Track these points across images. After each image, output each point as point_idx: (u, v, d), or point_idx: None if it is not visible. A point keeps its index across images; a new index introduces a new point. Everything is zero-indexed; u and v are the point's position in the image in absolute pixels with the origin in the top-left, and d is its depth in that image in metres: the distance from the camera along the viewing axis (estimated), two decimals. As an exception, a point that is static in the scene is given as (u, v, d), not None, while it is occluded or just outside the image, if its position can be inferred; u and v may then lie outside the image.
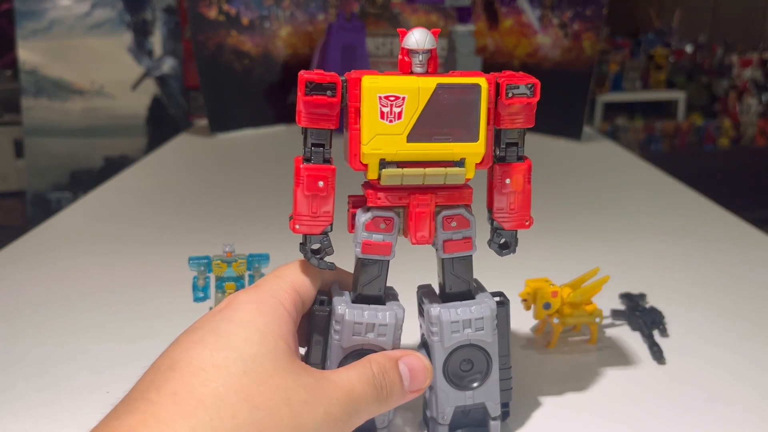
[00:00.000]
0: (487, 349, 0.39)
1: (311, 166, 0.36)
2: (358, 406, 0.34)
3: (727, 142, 3.08)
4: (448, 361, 0.38)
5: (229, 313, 0.35)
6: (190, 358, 0.32)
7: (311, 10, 1.37)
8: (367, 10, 1.38)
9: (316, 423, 0.32)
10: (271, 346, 0.33)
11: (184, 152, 1.25)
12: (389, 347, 0.38)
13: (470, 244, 0.38)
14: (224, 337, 0.33)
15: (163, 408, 0.30)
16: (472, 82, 0.36)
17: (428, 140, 0.36)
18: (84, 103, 2.05)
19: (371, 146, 0.35)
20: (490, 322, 0.38)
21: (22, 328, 0.56)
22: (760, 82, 3.13)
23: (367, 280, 0.38)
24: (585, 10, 1.25)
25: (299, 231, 0.37)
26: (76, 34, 2.01)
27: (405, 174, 0.36)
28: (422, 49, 0.36)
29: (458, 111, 0.36)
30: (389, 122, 0.35)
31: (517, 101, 0.37)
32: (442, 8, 1.37)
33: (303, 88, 0.35)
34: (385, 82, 0.35)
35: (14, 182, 2.28)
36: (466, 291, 0.39)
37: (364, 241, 0.37)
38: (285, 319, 0.35)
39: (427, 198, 0.37)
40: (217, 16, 1.28)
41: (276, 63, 1.35)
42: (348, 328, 0.37)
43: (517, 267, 0.53)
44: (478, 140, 0.36)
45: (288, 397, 0.32)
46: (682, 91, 3.12)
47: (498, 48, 1.35)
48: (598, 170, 1.11)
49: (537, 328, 0.54)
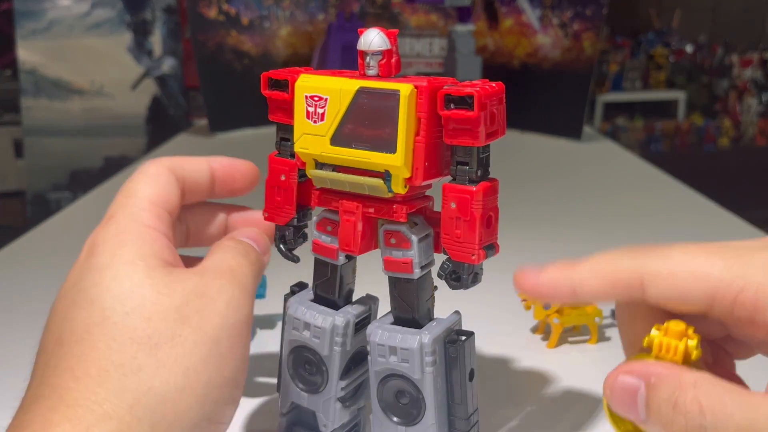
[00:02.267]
0: (418, 386, 0.34)
1: (277, 159, 0.37)
2: (245, 279, 0.34)
3: (727, 142, 3.08)
4: (382, 387, 0.36)
5: (91, 261, 0.32)
6: (71, 326, 0.30)
7: (311, 10, 1.37)
8: (367, 10, 1.38)
9: (222, 318, 0.31)
10: (142, 274, 0.31)
11: (183, 152, 1.24)
12: (325, 352, 0.36)
13: (410, 267, 0.35)
14: (93, 289, 0.31)
15: (67, 390, 0.28)
16: (391, 87, 0.32)
17: (348, 146, 0.33)
18: (84, 103, 2.05)
19: (300, 144, 0.35)
20: (416, 355, 0.34)
21: (22, 328, 0.56)
22: (760, 82, 3.13)
23: (319, 279, 0.38)
24: (585, 10, 1.25)
25: (267, 219, 0.38)
26: (75, 34, 2.01)
27: (331, 178, 0.35)
28: (371, 51, 0.33)
29: (378, 118, 0.33)
30: (314, 122, 0.34)
31: (454, 114, 0.32)
32: (442, 8, 1.37)
33: (264, 84, 0.36)
34: (315, 81, 0.34)
35: (14, 182, 2.28)
36: (410, 318, 0.35)
37: (314, 241, 0.37)
38: (152, 240, 0.33)
39: (353, 205, 0.35)
40: (216, 16, 1.28)
41: (276, 63, 1.35)
42: (290, 322, 0.37)
43: (516, 267, 0.53)
44: (396, 152, 0.32)
45: (182, 315, 0.30)
46: (682, 91, 3.12)
47: (498, 48, 1.35)
48: (598, 170, 1.11)
49: (537, 328, 0.54)
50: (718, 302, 0.28)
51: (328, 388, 0.37)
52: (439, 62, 1.37)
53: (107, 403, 0.28)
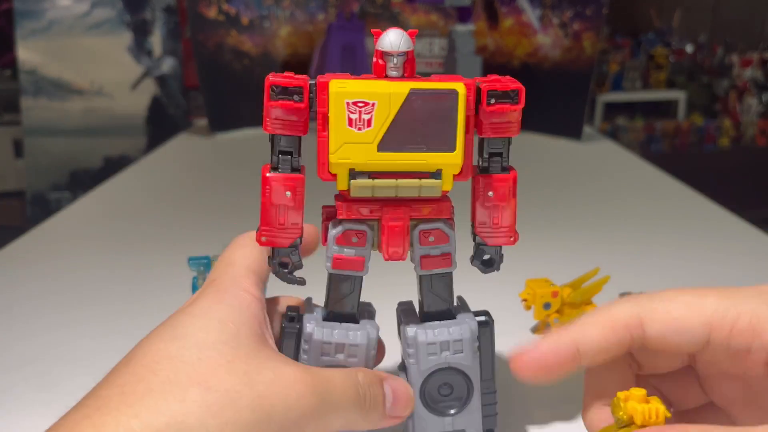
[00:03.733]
0: (467, 372, 0.36)
1: (278, 175, 0.34)
2: (337, 404, 0.32)
3: (727, 142, 3.08)
4: (426, 384, 0.36)
5: (190, 308, 0.33)
6: (144, 351, 0.31)
7: (311, 10, 1.37)
8: (367, 10, 1.38)
9: (285, 408, 0.30)
10: (231, 333, 0.31)
11: (183, 152, 1.25)
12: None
13: (449, 260, 0.36)
14: (180, 328, 0.31)
15: (109, 401, 0.28)
16: (448, 87, 0.33)
17: (401, 149, 0.33)
18: (83, 103, 2.05)
19: (339, 155, 0.33)
20: (470, 344, 0.36)
21: (22, 328, 0.56)
22: (761, 82, 3.13)
23: (339, 296, 0.36)
24: (585, 10, 1.25)
25: (266, 244, 0.35)
26: (75, 34, 2.01)
27: (376, 185, 0.33)
28: (397, 52, 0.33)
29: (433, 119, 0.33)
30: (358, 130, 0.32)
31: (499, 108, 0.33)
32: (442, 8, 1.37)
33: (268, 93, 0.33)
34: (354, 86, 0.32)
35: (14, 182, 2.28)
36: (446, 310, 0.37)
37: (335, 256, 0.35)
38: (248, 304, 0.33)
39: (401, 211, 0.34)
40: (216, 16, 1.28)
41: (276, 63, 1.35)
42: (316, 348, 0.35)
43: (516, 267, 0.53)
44: (455, 150, 0.33)
45: (250, 380, 0.30)
46: (682, 91, 3.12)
47: (498, 48, 1.35)
48: (598, 170, 1.11)
49: (537, 328, 0.54)
50: (716, 334, 0.29)
51: None
52: (440, 62, 1.37)
53: (135, 420, 0.28)
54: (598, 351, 0.31)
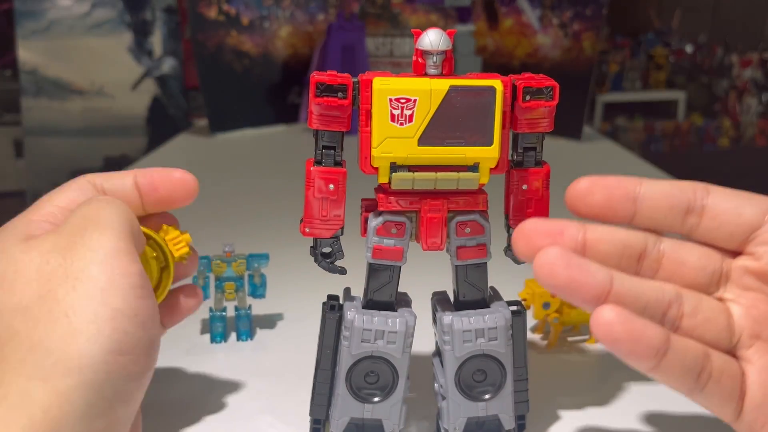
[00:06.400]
0: (501, 359, 0.38)
1: (322, 168, 0.36)
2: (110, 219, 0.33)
3: (727, 142, 3.08)
4: (461, 370, 0.37)
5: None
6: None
7: (311, 10, 1.38)
8: (367, 10, 1.38)
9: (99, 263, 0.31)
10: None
11: (184, 152, 1.25)
12: (399, 355, 0.37)
13: (485, 251, 0.38)
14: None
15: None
16: (486, 84, 0.35)
17: (440, 144, 0.35)
18: (84, 103, 2.06)
19: (381, 149, 0.34)
20: (504, 332, 0.37)
21: (22, 328, 0.56)
22: (760, 82, 3.13)
23: (378, 285, 0.37)
24: (585, 10, 1.25)
25: (309, 234, 0.37)
26: (75, 34, 2.02)
27: (416, 178, 0.35)
28: (436, 50, 0.35)
29: (472, 114, 0.35)
30: (400, 125, 0.34)
31: (535, 105, 0.36)
32: (442, 8, 1.37)
33: (314, 90, 0.35)
34: (396, 83, 0.34)
35: (14, 182, 2.28)
36: (481, 299, 0.38)
37: (375, 246, 0.37)
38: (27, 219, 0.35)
39: (439, 203, 0.36)
40: (217, 16, 1.28)
41: (276, 63, 1.35)
42: (357, 335, 0.36)
43: (516, 267, 0.53)
44: (493, 144, 0.35)
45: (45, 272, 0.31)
46: (682, 91, 3.12)
47: (498, 48, 1.36)
48: (598, 170, 1.10)
49: (536, 328, 0.54)
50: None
51: (396, 392, 0.37)
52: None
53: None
54: (657, 207, 0.34)
